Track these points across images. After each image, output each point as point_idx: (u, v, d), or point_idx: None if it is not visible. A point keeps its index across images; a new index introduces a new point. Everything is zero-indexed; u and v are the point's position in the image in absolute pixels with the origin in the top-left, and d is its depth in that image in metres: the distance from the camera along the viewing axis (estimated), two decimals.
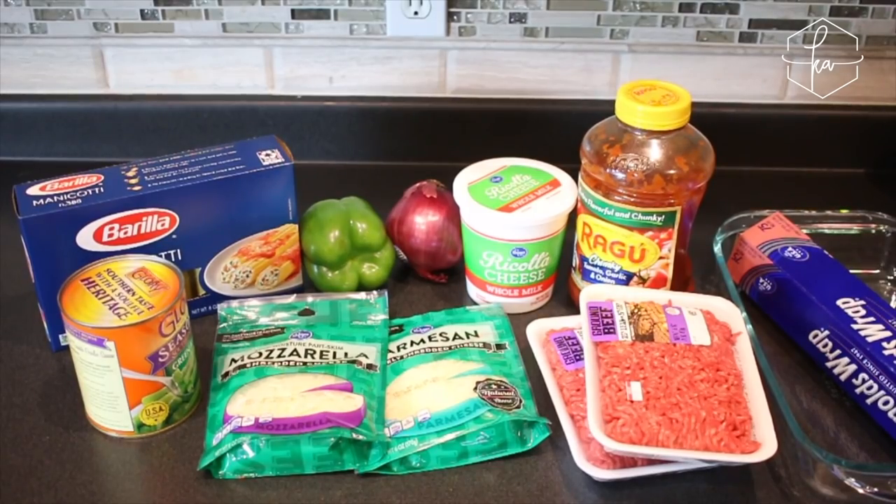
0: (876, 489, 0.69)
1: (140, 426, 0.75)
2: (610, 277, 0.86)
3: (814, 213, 0.95)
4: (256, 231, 0.87)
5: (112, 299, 0.73)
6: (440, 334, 0.83)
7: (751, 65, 1.10)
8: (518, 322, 0.87)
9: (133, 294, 0.73)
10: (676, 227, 0.83)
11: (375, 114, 1.12)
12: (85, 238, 0.80)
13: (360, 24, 1.08)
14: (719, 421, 0.69)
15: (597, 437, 0.68)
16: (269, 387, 0.75)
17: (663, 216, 0.82)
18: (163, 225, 0.82)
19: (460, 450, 0.73)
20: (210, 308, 0.89)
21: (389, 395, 0.77)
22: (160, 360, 0.73)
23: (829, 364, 0.81)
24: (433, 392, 0.76)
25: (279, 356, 0.80)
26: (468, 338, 0.83)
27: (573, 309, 0.88)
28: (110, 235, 0.81)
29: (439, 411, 0.74)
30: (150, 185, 0.81)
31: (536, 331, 0.84)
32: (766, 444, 0.68)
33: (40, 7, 1.07)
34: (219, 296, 0.89)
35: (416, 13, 1.06)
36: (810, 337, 0.83)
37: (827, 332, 0.81)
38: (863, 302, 0.81)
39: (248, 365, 0.79)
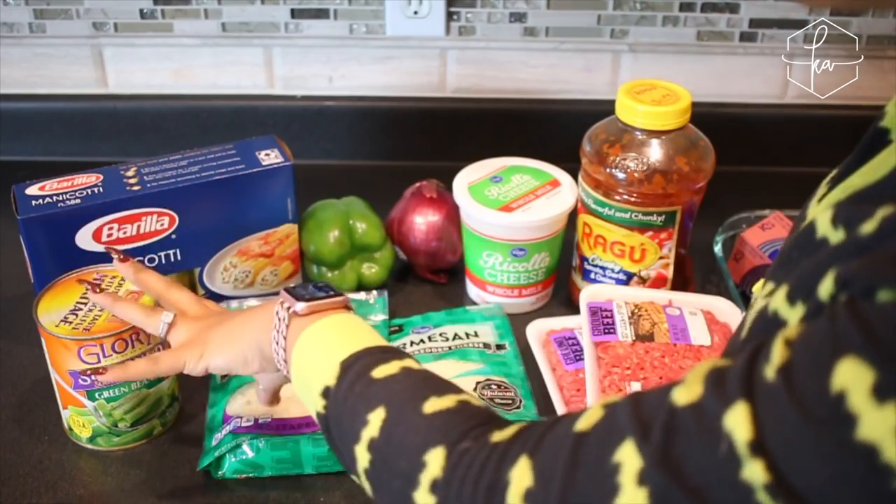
0: None
1: (70, 430, 0.75)
2: (610, 277, 0.86)
3: None
4: (256, 231, 0.87)
5: (86, 303, 0.73)
6: (440, 334, 0.83)
7: (751, 64, 1.10)
8: (518, 322, 0.87)
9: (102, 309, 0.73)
10: (677, 226, 0.82)
11: (375, 114, 1.12)
12: (84, 238, 0.80)
13: (359, 23, 1.08)
14: None
15: None
16: None
17: (663, 216, 0.81)
18: (162, 225, 0.82)
19: None
20: None
21: None
22: (81, 381, 0.71)
23: None
24: None
25: None
26: (468, 338, 0.83)
27: (573, 309, 0.88)
28: (109, 235, 0.81)
29: None
30: (149, 185, 0.81)
31: (536, 331, 0.84)
32: None
33: (39, 7, 1.06)
34: (218, 296, 0.88)
35: (415, 13, 1.06)
36: None
37: None
38: None
39: None
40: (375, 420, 0.54)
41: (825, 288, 0.39)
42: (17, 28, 1.08)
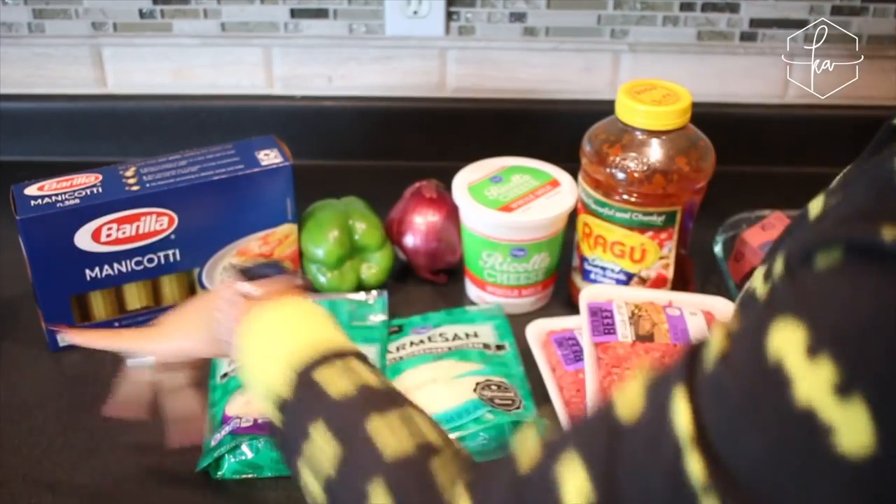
0: None
1: None
2: (610, 278, 0.86)
3: None
4: (255, 231, 0.87)
5: None
6: (439, 335, 0.83)
7: (751, 64, 1.10)
8: (518, 322, 0.86)
9: None
10: (677, 227, 0.82)
11: (375, 114, 1.12)
12: (83, 238, 0.80)
13: (359, 23, 1.08)
14: None
15: None
16: None
17: (664, 216, 0.81)
18: (161, 225, 0.82)
19: None
20: None
21: None
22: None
23: None
24: (433, 393, 0.76)
25: None
26: (468, 338, 0.83)
27: (573, 309, 0.88)
28: (108, 235, 0.80)
29: (439, 412, 0.74)
30: (148, 185, 0.81)
31: (536, 331, 0.84)
32: None
33: (38, 6, 1.06)
34: None
35: (415, 12, 1.06)
36: None
37: None
38: None
39: None
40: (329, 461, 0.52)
41: (777, 267, 0.39)
42: (16, 28, 1.08)
